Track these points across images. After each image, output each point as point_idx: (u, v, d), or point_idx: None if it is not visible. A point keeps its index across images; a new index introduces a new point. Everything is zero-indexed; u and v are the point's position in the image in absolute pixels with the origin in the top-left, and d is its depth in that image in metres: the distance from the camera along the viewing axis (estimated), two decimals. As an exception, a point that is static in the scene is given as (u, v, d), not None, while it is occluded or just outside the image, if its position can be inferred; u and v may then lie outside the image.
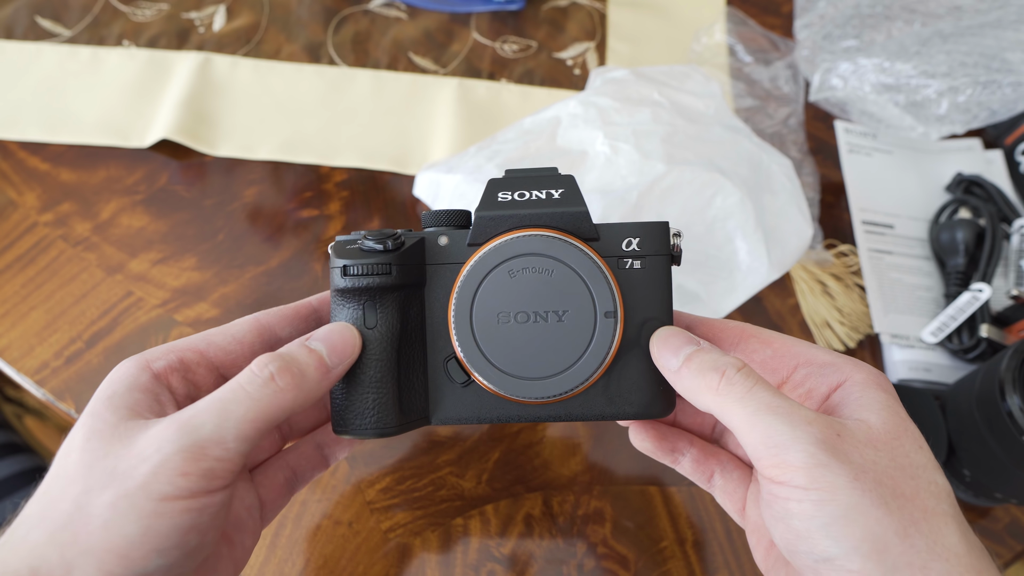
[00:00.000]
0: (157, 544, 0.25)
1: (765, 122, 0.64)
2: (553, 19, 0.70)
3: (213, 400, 0.27)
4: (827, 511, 0.25)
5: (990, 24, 0.61)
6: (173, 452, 0.26)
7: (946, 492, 0.26)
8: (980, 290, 0.54)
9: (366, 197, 0.59)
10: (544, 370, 0.31)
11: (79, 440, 0.27)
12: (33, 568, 0.25)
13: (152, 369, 0.30)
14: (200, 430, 0.26)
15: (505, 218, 0.31)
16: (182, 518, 0.26)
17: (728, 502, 0.35)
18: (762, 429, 0.26)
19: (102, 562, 0.25)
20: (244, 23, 0.66)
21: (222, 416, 0.27)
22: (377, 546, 0.46)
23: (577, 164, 0.51)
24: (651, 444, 0.35)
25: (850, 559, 0.25)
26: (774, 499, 0.26)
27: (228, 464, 0.27)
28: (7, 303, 0.52)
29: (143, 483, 0.25)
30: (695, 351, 0.30)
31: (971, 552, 0.25)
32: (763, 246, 0.50)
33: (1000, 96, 0.59)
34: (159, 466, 0.26)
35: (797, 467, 0.25)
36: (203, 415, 0.27)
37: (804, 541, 0.26)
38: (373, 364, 0.31)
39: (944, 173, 0.64)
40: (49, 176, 0.57)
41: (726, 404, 0.27)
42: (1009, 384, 0.45)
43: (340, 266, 0.31)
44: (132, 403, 0.28)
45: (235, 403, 0.27)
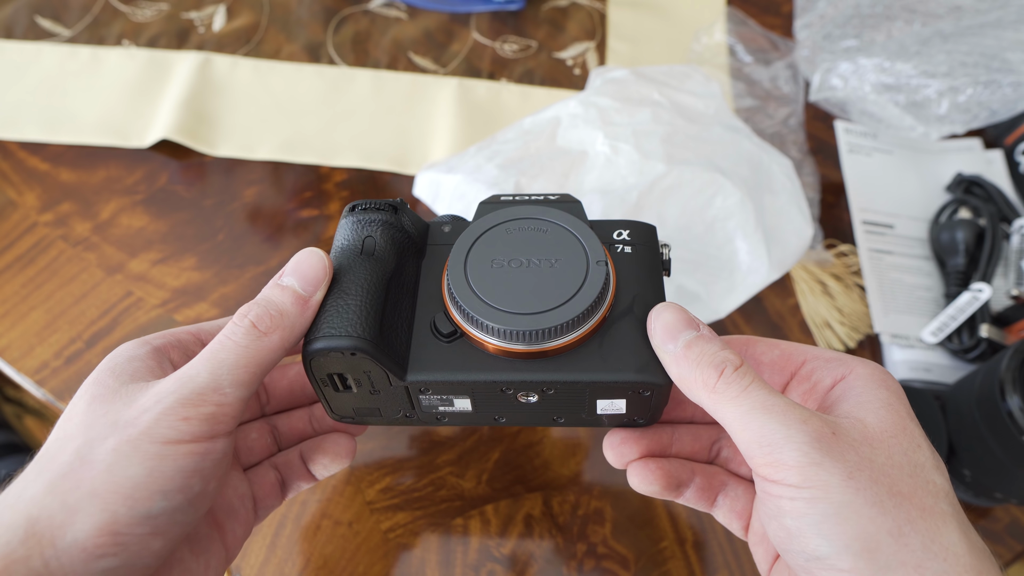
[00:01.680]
0: (162, 485, 0.26)
1: (765, 122, 0.64)
2: (553, 19, 0.70)
3: (203, 354, 0.28)
4: (819, 509, 0.25)
5: (990, 24, 0.61)
6: (173, 401, 0.27)
7: (945, 492, 0.26)
8: (980, 290, 0.54)
9: (366, 197, 0.59)
10: (536, 306, 0.30)
11: (82, 405, 0.28)
12: (31, 518, 0.25)
13: (152, 344, 0.31)
14: (196, 379, 0.27)
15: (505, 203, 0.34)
16: (186, 460, 0.26)
17: (730, 520, 0.34)
18: (756, 428, 0.26)
19: (107, 503, 0.25)
20: (244, 23, 0.66)
21: (214, 365, 0.28)
22: (377, 546, 0.46)
23: (577, 164, 0.51)
24: (658, 488, 0.33)
25: (841, 558, 0.24)
26: (767, 497, 0.26)
27: (227, 409, 0.28)
28: (7, 303, 0.52)
29: (146, 429, 0.26)
30: (695, 337, 0.29)
31: (971, 552, 0.25)
32: (763, 246, 0.50)
33: (1000, 96, 0.59)
34: (161, 414, 0.26)
35: (790, 466, 0.25)
36: (196, 367, 0.28)
37: (796, 540, 0.26)
38: (361, 278, 0.31)
39: (944, 173, 0.64)
40: (49, 176, 0.57)
41: (720, 403, 0.27)
42: (1009, 384, 0.45)
43: (351, 205, 0.35)
44: (133, 370, 0.29)
45: (224, 352, 0.28)
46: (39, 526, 0.25)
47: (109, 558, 0.25)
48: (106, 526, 0.25)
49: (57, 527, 0.25)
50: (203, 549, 0.31)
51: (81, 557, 0.25)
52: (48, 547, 0.24)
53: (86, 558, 0.25)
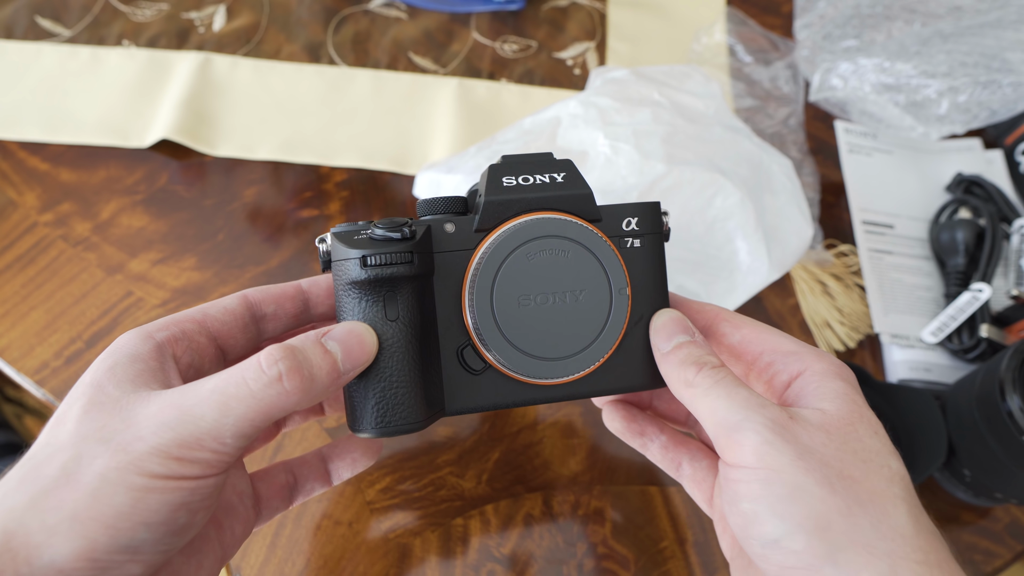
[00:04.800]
0: (145, 518, 0.25)
1: (765, 122, 0.64)
2: (553, 19, 0.70)
3: (215, 391, 0.26)
4: (773, 490, 0.26)
5: (990, 24, 0.61)
6: (170, 440, 0.25)
7: (900, 476, 0.27)
8: (980, 290, 0.54)
9: (366, 197, 0.59)
10: (565, 350, 0.31)
11: (77, 411, 0.26)
12: (8, 531, 0.24)
13: (155, 339, 0.29)
14: (199, 422, 0.26)
15: (513, 202, 0.31)
16: (172, 495, 0.25)
17: (696, 491, 0.36)
18: (721, 413, 0.28)
19: (87, 529, 0.24)
20: (244, 23, 0.66)
21: (223, 411, 0.26)
22: (377, 546, 0.46)
23: (577, 164, 0.51)
24: (621, 424, 0.37)
25: (794, 538, 0.25)
26: (728, 483, 0.28)
27: (223, 457, 0.26)
28: (7, 303, 0.52)
29: (136, 459, 0.25)
30: (687, 342, 0.31)
31: (920, 534, 0.25)
32: (763, 246, 0.50)
33: (1000, 96, 0.59)
34: (155, 449, 0.25)
35: (746, 446, 0.27)
36: (204, 406, 0.26)
37: (753, 524, 0.27)
38: (398, 358, 0.30)
39: (944, 173, 0.64)
40: (49, 176, 0.57)
41: (696, 395, 0.29)
42: (1009, 384, 0.45)
43: (358, 257, 0.29)
44: (135, 375, 0.27)
45: (237, 400, 0.26)
46: (15, 542, 0.24)
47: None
48: (84, 552, 0.24)
49: (34, 546, 0.24)
50: (195, 549, 0.30)
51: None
52: (23, 565, 0.24)
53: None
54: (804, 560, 0.25)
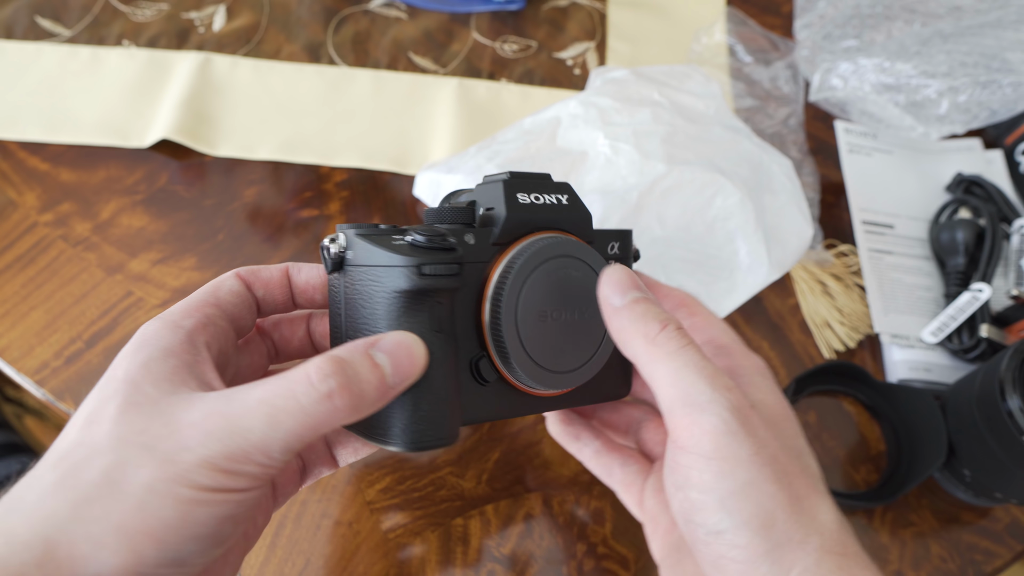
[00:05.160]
0: (194, 531, 0.24)
1: (765, 122, 0.64)
2: (553, 19, 0.70)
3: (263, 402, 0.25)
4: (725, 485, 0.26)
5: (990, 24, 0.61)
6: (218, 451, 0.24)
7: (819, 475, 0.29)
8: (980, 290, 0.54)
9: (366, 197, 0.59)
10: (570, 363, 0.33)
11: (113, 410, 0.25)
12: (50, 540, 0.23)
13: (184, 328, 0.28)
14: (247, 435, 0.25)
15: (529, 220, 0.32)
16: (219, 508, 0.25)
17: (627, 495, 0.36)
18: (685, 386, 0.27)
19: (135, 543, 0.23)
20: (244, 23, 0.66)
21: (272, 425, 0.25)
22: (377, 546, 0.46)
23: (577, 164, 0.51)
24: (558, 428, 0.39)
25: (739, 533, 0.26)
26: (677, 466, 0.27)
27: (269, 470, 0.26)
28: (7, 303, 0.52)
29: (184, 471, 0.24)
30: (642, 297, 0.29)
31: (841, 529, 0.27)
32: (763, 246, 0.50)
33: (1000, 96, 0.59)
34: (203, 460, 0.24)
35: (707, 432, 0.26)
36: (252, 418, 0.25)
37: (699, 512, 0.27)
38: (443, 371, 0.29)
39: (944, 173, 0.64)
40: (49, 176, 0.57)
41: (657, 356, 0.28)
42: (1009, 384, 0.45)
43: (413, 265, 0.28)
44: (171, 372, 0.26)
45: (287, 414, 0.25)
46: (59, 552, 0.23)
47: None
48: (131, 566, 0.23)
49: (79, 558, 0.23)
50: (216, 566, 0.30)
51: None
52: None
53: None
54: (744, 554, 0.26)
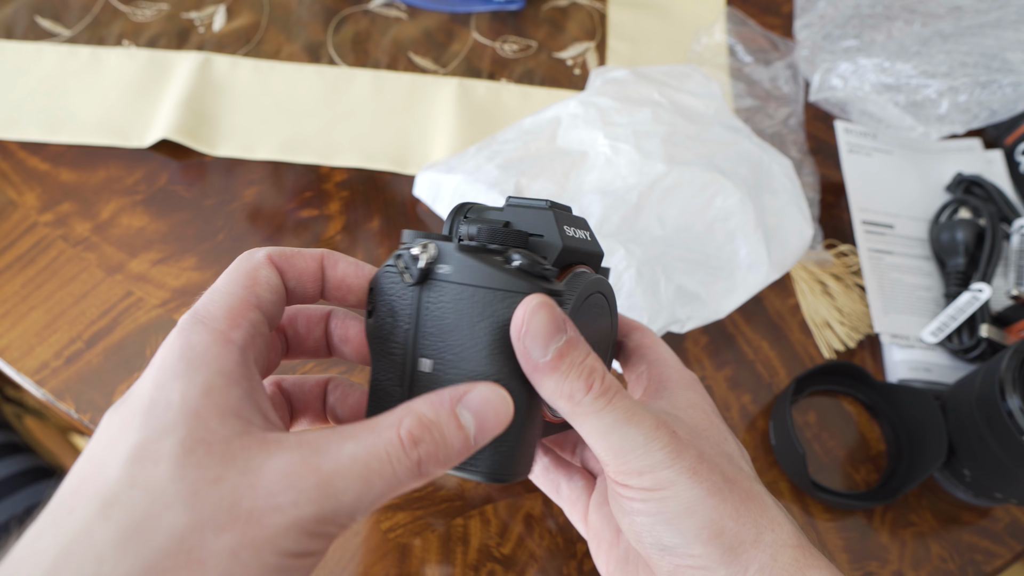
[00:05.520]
0: None
1: (765, 122, 0.64)
2: (553, 19, 0.70)
3: (358, 462, 0.23)
4: (670, 507, 0.27)
5: (990, 24, 0.61)
6: (311, 514, 0.22)
7: (754, 475, 0.30)
8: (980, 290, 0.54)
9: (366, 197, 0.59)
10: None
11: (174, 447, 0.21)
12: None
13: (237, 345, 0.24)
14: (341, 497, 0.22)
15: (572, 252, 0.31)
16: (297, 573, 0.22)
17: (573, 511, 0.36)
18: (616, 440, 0.27)
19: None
20: (244, 23, 0.66)
21: (365, 489, 0.23)
22: (377, 546, 0.46)
23: (577, 164, 0.51)
24: None
25: (692, 547, 0.27)
26: (619, 497, 0.28)
27: (348, 529, 0.24)
28: (7, 303, 0.52)
29: (272, 536, 0.21)
30: (565, 342, 0.26)
31: (789, 520, 0.28)
32: (763, 246, 0.50)
33: (1000, 96, 0.59)
34: (294, 523, 0.21)
35: (642, 472, 0.27)
36: (346, 480, 0.23)
37: (648, 533, 0.27)
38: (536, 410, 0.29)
39: (944, 173, 0.64)
40: (49, 176, 0.57)
41: (583, 415, 0.27)
42: (1009, 384, 0.45)
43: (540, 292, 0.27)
44: (236, 404, 0.23)
45: (380, 478, 0.23)
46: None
47: None
48: None
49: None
50: None
51: None
52: None
53: None
54: (700, 562, 0.27)
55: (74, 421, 0.49)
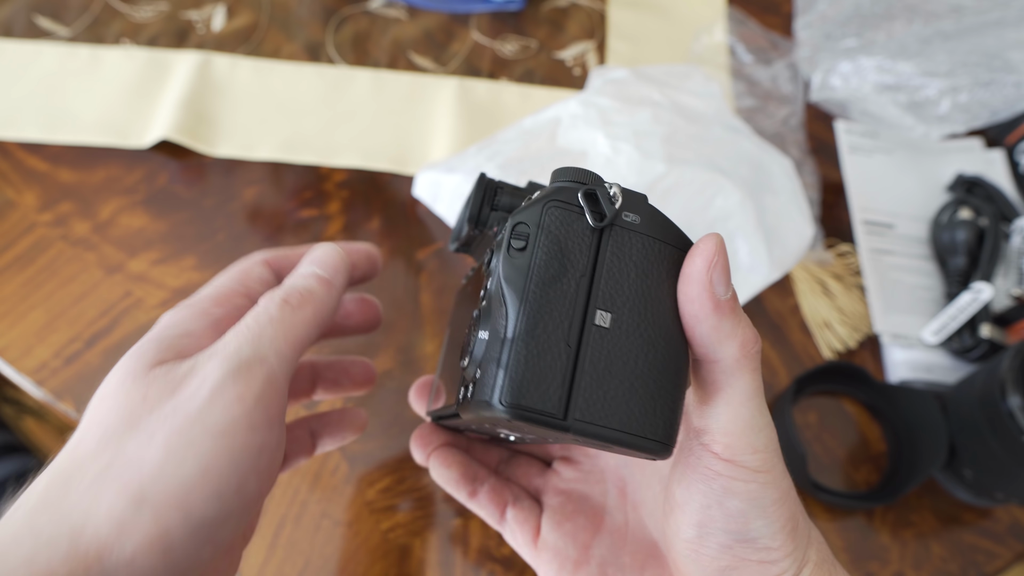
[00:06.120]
0: (217, 487, 0.23)
1: (765, 122, 0.64)
2: (553, 19, 0.70)
3: (239, 331, 0.26)
4: (768, 493, 0.26)
5: (991, 23, 0.61)
6: (221, 377, 0.24)
7: None
8: (981, 290, 0.54)
9: (366, 197, 0.59)
10: None
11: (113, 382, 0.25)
12: (74, 530, 0.22)
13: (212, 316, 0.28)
14: (240, 353, 0.25)
15: None
16: (242, 455, 0.24)
17: (519, 534, 0.34)
18: (753, 410, 0.26)
19: (159, 513, 0.22)
20: (244, 23, 0.66)
21: (254, 337, 0.26)
22: (377, 546, 0.46)
23: (578, 164, 0.51)
24: (458, 472, 0.35)
25: (775, 538, 0.26)
26: (716, 477, 0.26)
27: (277, 385, 0.26)
28: (6, 303, 0.52)
29: (197, 415, 0.24)
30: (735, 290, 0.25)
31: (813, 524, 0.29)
32: (764, 246, 0.50)
33: (1002, 96, 0.59)
34: (211, 393, 0.24)
35: (759, 450, 0.26)
36: (235, 342, 0.26)
37: (734, 520, 0.26)
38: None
39: (945, 173, 0.64)
40: (48, 176, 0.57)
41: (744, 370, 0.25)
42: (1010, 384, 0.45)
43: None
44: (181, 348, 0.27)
45: (259, 326, 0.26)
46: (83, 541, 0.22)
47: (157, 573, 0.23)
48: (158, 542, 0.22)
49: (104, 543, 0.22)
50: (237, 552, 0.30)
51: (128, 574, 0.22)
52: (95, 564, 0.22)
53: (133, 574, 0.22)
54: (771, 556, 0.26)
55: (73, 421, 0.49)
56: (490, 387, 0.23)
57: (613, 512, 0.34)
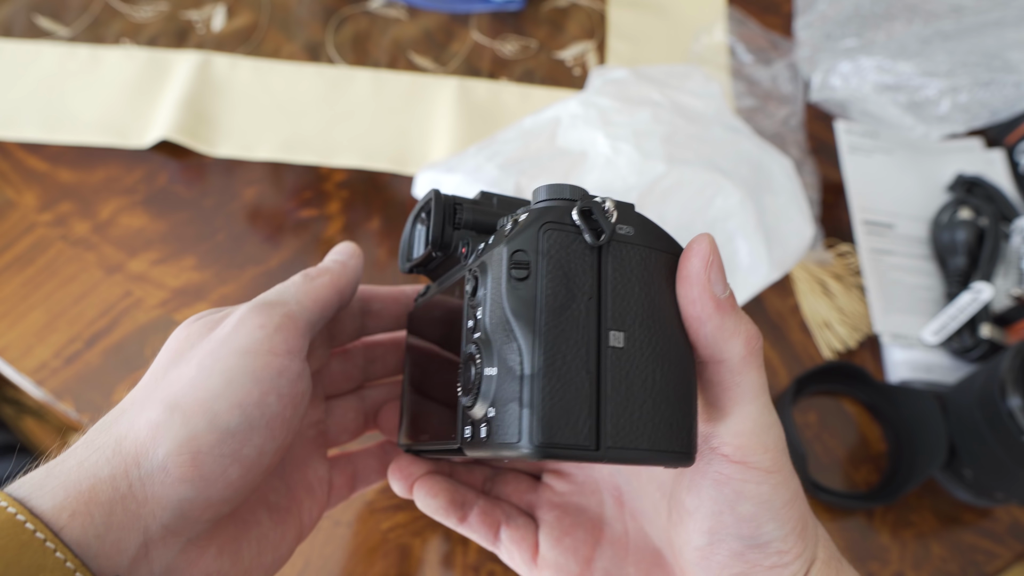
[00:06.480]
0: (240, 397, 0.26)
1: (765, 122, 0.64)
2: (553, 19, 0.70)
3: (268, 292, 0.31)
4: (780, 495, 0.26)
5: (991, 23, 0.61)
6: (246, 311, 0.28)
7: None
8: (981, 290, 0.54)
9: (366, 197, 0.59)
10: None
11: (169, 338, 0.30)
12: (119, 436, 0.25)
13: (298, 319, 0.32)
14: (265, 298, 0.30)
15: None
16: (263, 372, 0.27)
17: (516, 553, 0.33)
18: (761, 408, 0.26)
19: (187, 417, 0.26)
20: (244, 23, 0.66)
21: (279, 291, 0.30)
22: (377, 546, 0.46)
23: (577, 164, 0.51)
24: (445, 500, 0.34)
25: (787, 541, 0.26)
26: (728, 481, 0.26)
27: (298, 322, 0.29)
28: (6, 303, 0.52)
29: (223, 339, 0.27)
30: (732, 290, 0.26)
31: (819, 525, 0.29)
32: (763, 246, 0.50)
33: (1001, 96, 0.59)
34: (237, 323, 0.28)
35: (771, 449, 0.26)
36: (263, 296, 0.30)
37: (746, 525, 0.26)
38: None
39: (945, 173, 0.64)
40: (48, 176, 0.57)
41: (750, 367, 0.25)
42: (1010, 384, 0.45)
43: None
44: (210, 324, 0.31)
45: (284, 287, 0.31)
46: (125, 444, 0.25)
47: (187, 484, 0.25)
48: (187, 443, 0.25)
49: (141, 446, 0.25)
50: (281, 519, 0.32)
51: (162, 479, 0.25)
52: (133, 467, 0.25)
53: (167, 481, 0.25)
54: (784, 559, 0.26)
55: (73, 421, 0.49)
56: (515, 428, 0.22)
57: (612, 523, 0.33)
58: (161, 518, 0.25)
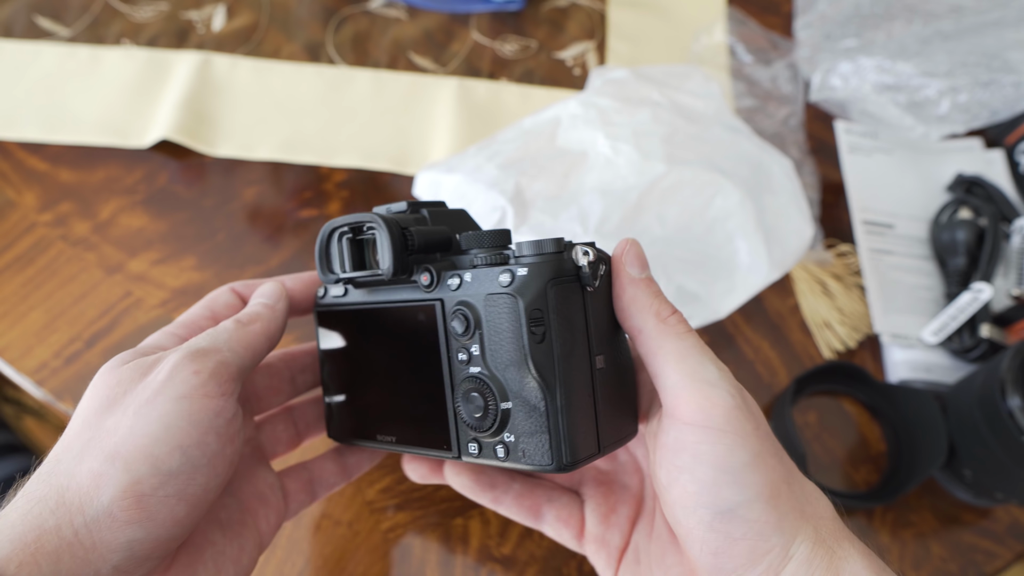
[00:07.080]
0: (180, 440, 0.27)
1: (765, 122, 0.64)
2: (553, 19, 0.70)
3: (200, 337, 0.31)
4: (737, 457, 0.26)
5: (991, 24, 0.61)
6: (180, 359, 0.29)
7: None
8: (980, 290, 0.54)
9: (366, 197, 0.59)
10: None
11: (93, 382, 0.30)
12: (61, 487, 0.26)
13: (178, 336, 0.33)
14: (197, 344, 0.30)
15: None
16: (200, 415, 0.28)
17: (564, 529, 0.35)
18: (694, 364, 0.28)
19: (129, 463, 0.26)
20: (244, 23, 0.66)
21: (212, 337, 0.31)
22: (377, 546, 0.46)
23: (577, 164, 0.51)
24: (468, 480, 0.37)
25: (751, 507, 0.26)
26: (684, 445, 0.27)
27: (230, 368, 0.30)
28: (6, 303, 0.52)
29: (159, 387, 0.28)
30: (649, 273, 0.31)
31: (824, 495, 0.29)
32: (763, 246, 0.50)
33: (1001, 96, 0.59)
34: (171, 371, 0.29)
35: (719, 406, 0.27)
36: (194, 340, 0.31)
37: (708, 491, 0.26)
38: None
39: (944, 173, 0.64)
40: (48, 176, 0.57)
41: (666, 334, 0.29)
42: (1010, 384, 0.45)
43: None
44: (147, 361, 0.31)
45: (216, 333, 0.31)
46: (68, 495, 0.26)
47: (135, 526, 0.26)
48: (130, 487, 0.26)
49: (85, 495, 0.26)
50: (236, 533, 0.32)
51: (109, 524, 0.25)
52: (77, 515, 0.25)
53: (113, 525, 0.25)
54: (755, 529, 0.26)
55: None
56: (543, 453, 0.27)
57: (647, 500, 0.35)
58: (111, 560, 0.26)
